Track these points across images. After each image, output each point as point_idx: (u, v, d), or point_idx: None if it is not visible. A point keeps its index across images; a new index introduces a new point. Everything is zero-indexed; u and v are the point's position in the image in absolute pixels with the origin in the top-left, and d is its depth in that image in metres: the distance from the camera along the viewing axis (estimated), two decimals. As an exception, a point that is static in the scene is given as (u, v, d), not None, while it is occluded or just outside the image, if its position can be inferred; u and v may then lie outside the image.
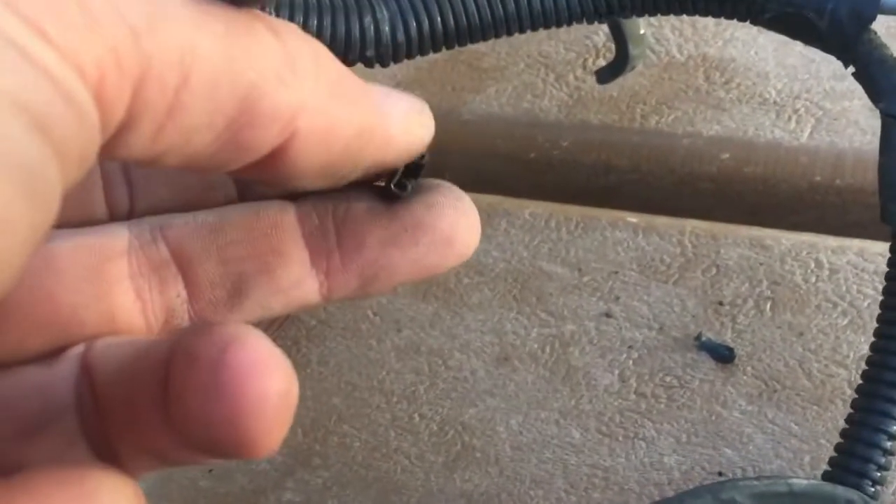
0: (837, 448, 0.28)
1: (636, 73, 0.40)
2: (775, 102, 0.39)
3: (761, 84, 0.39)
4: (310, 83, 0.16)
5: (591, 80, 0.41)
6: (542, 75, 0.42)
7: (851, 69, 0.29)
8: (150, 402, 0.16)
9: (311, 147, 0.17)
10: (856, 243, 0.35)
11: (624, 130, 0.40)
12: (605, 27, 0.42)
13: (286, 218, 0.21)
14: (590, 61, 0.42)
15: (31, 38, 0.12)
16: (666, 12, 0.31)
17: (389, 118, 0.18)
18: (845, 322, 0.33)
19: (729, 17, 0.29)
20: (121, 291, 0.20)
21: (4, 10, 0.12)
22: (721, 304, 0.34)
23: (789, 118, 0.39)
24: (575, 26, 0.41)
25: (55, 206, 0.13)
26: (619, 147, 0.40)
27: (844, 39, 0.28)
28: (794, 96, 0.39)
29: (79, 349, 0.19)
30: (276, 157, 0.16)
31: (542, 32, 0.42)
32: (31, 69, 0.12)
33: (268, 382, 0.15)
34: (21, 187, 0.12)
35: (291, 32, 0.17)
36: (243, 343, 0.15)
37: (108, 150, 0.14)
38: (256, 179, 0.18)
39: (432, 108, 0.44)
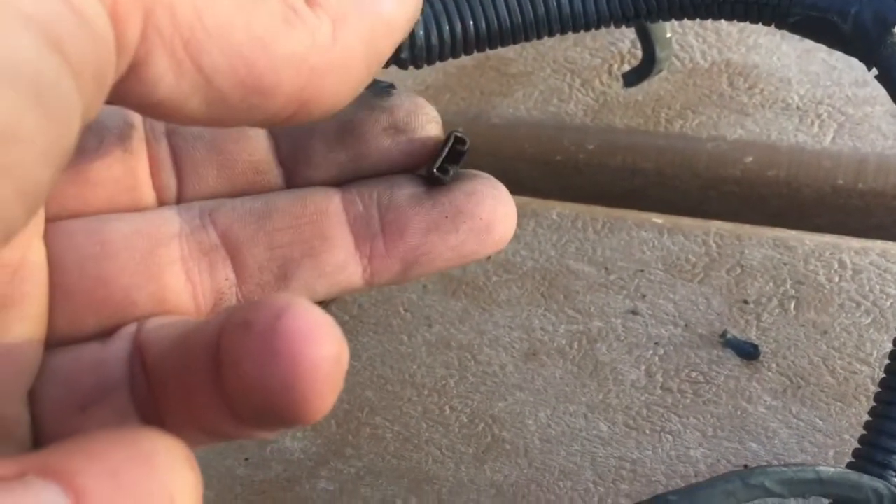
0: (861, 440, 0.29)
1: (661, 78, 0.41)
2: (798, 107, 0.40)
3: (784, 89, 0.40)
4: (313, 20, 0.17)
5: (617, 84, 0.42)
6: (569, 80, 0.43)
7: (874, 72, 0.29)
8: (201, 377, 0.17)
9: (329, 82, 0.17)
10: (878, 245, 0.36)
11: (649, 134, 0.41)
12: (630, 33, 0.43)
13: (331, 205, 0.22)
14: (615, 67, 0.42)
15: None
16: (692, 16, 0.31)
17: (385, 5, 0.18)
18: (868, 321, 0.34)
19: (754, 21, 0.30)
20: (172, 274, 0.21)
21: None
22: (746, 302, 0.35)
23: (812, 123, 0.39)
24: (601, 33, 0.42)
25: (74, 124, 0.13)
26: (644, 150, 0.41)
27: (868, 43, 0.28)
28: (817, 101, 0.40)
29: (132, 328, 0.20)
30: (300, 99, 0.17)
31: (568, 39, 0.43)
32: None
33: (321, 347, 0.15)
34: (33, 98, 0.13)
35: None
36: (296, 310, 0.15)
37: (133, 87, 0.15)
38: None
39: (462, 113, 0.45)
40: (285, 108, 0.17)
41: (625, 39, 0.43)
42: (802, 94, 0.40)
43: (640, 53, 0.40)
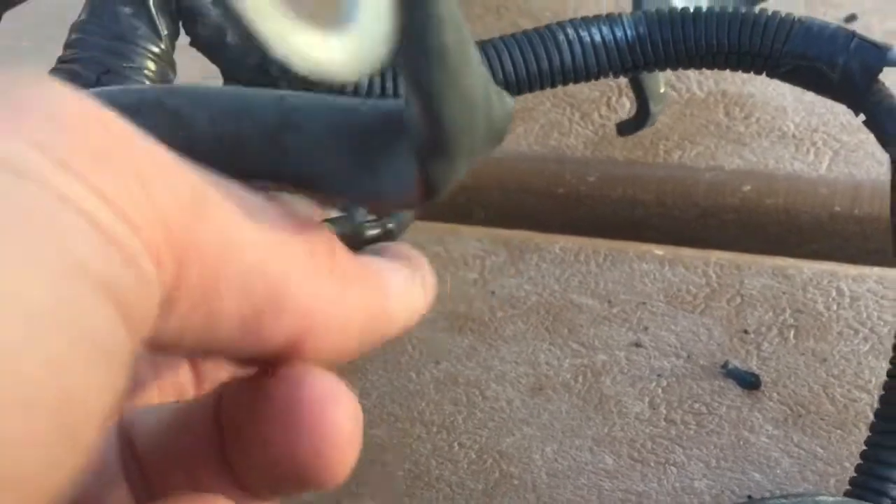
0: (858, 468, 0.30)
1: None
2: (794, 136, 0.41)
3: (780, 118, 0.41)
4: (326, 274, 0.17)
5: (616, 117, 0.43)
6: (568, 114, 0.43)
7: (862, 118, 0.30)
8: (202, 455, 0.18)
9: (328, 336, 0.17)
10: (875, 271, 0.36)
11: (648, 165, 0.42)
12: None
13: None
14: (613, 100, 0.43)
15: (99, 207, 0.13)
16: (689, 67, 0.33)
17: (390, 297, 0.18)
18: (866, 348, 0.35)
19: (747, 70, 0.31)
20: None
21: (75, 179, 0.13)
22: (746, 332, 0.36)
23: (808, 151, 0.40)
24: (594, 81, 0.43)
25: (127, 371, 0.13)
26: (644, 182, 0.41)
27: (855, 91, 0.30)
28: (812, 129, 0.40)
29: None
30: (292, 346, 0.17)
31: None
32: (99, 236, 0.13)
33: (342, 410, 0.16)
34: (93, 353, 0.13)
35: (311, 224, 0.17)
36: (314, 378, 0.16)
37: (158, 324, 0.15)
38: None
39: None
40: (274, 350, 0.17)
41: (622, 71, 0.44)
42: (798, 123, 0.41)
43: (636, 103, 0.41)
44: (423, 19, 0.14)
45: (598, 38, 0.32)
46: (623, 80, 0.44)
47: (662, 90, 0.35)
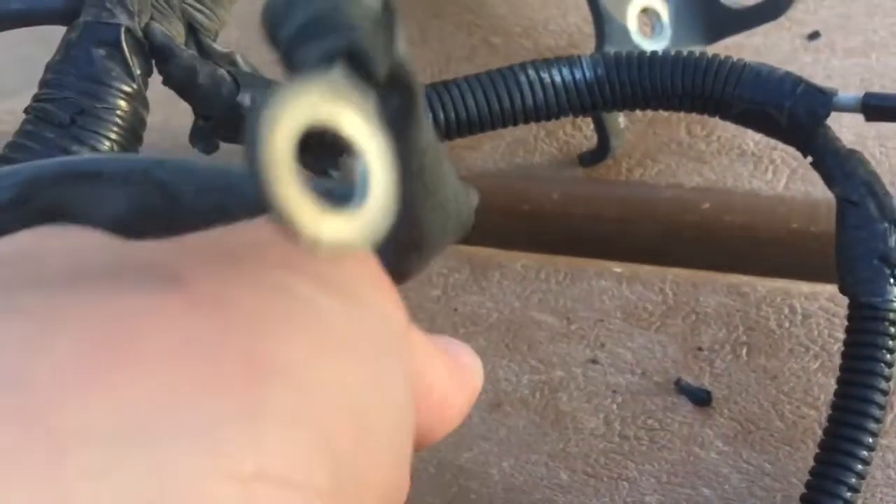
0: (807, 485, 0.31)
1: (622, 128, 0.43)
2: (753, 154, 0.41)
3: (740, 136, 0.42)
4: (443, 371, 0.19)
5: (580, 135, 0.44)
6: (534, 132, 0.44)
7: (809, 160, 0.31)
8: None
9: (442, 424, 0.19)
10: (828, 288, 0.37)
11: (611, 183, 0.42)
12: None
13: None
14: (578, 119, 0.44)
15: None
16: (644, 108, 0.34)
17: (474, 377, 0.21)
18: (816, 365, 0.35)
19: (700, 112, 0.33)
20: None
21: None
22: (700, 349, 0.37)
23: (766, 169, 0.41)
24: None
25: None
26: (606, 199, 0.42)
27: (802, 133, 0.31)
28: (771, 148, 0.41)
29: None
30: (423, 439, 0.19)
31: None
32: None
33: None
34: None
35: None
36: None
37: None
38: None
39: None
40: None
41: (588, 89, 0.44)
42: (757, 141, 0.41)
43: (597, 137, 0.42)
44: (407, 150, 0.16)
45: (558, 79, 0.33)
46: (588, 98, 0.44)
47: (623, 126, 0.37)
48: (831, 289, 0.37)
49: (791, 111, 0.30)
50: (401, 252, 0.19)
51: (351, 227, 0.15)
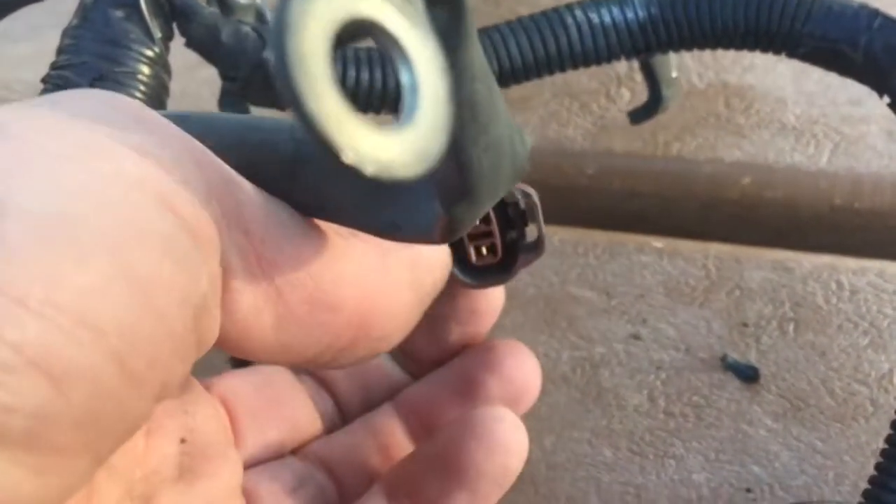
0: (877, 467, 0.29)
1: (658, 101, 0.42)
2: (794, 128, 0.40)
3: (780, 110, 0.41)
4: (362, 245, 0.19)
5: (615, 108, 0.43)
6: (567, 105, 0.43)
7: (886, 100, 0.29)
8: None
9: (383, 303, 0.19)
10: (875, 264, 0.36)
11: (647, 158, 0.41)
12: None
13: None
14: (612, 90, 0.43)
15: (160, 151, 0.15)
16: (703, 48, 0.32)
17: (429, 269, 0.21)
18: (866, 341, 0.34)
19: (765, 51, 0.30)
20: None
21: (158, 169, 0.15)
22: (745, 325, 0.36)
23: (808, 143, 0.40)
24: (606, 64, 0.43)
25: (203, 279, 0.15)
26: (643, 174, 0.41)
27: (879, 71, 0.29)
28: (813, 121, 0.40)
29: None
30: (358, 320, 0.18)
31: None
32: (163, 173, 0.15)
33: None
34: (162, 251, 0.14)
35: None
36: None
37: (223, 303, 0.16)
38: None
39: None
40: (348, 326, 0.18)
41: (622, 62, 0.43)
42: (798, 115, 0.40)
43: (637, 76, 0.40)
44: (456, 75, 0.14)
45: (607, 19, 0.31)
46: (622, 71, 0.43)
47: (674, 74, 0.35)
48: (879, 264, 0.36)
49: (867, 48, 0.28)
50: (449, 198, 0.16)
51: (397, 146, 0.13)
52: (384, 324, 0.19)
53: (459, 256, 0.25)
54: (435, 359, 0.27)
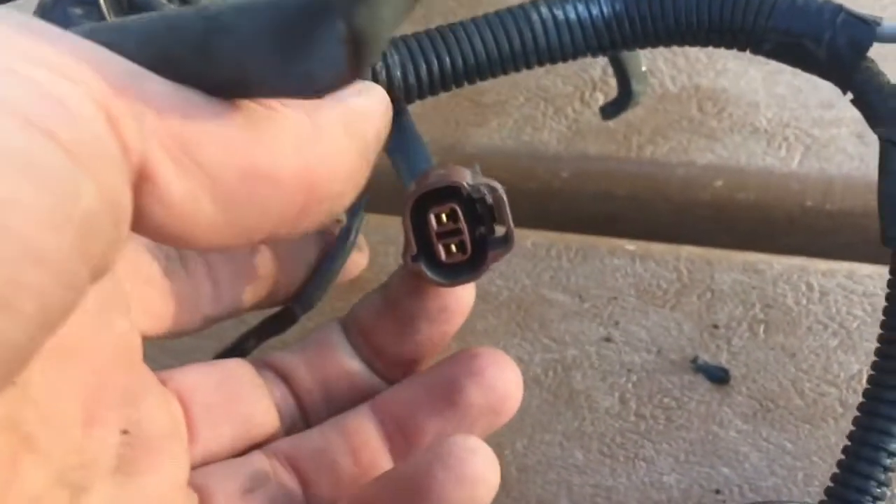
0: (839, 464, 0.29)
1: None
2: (766, 131, 0.41)
3: (752, 113, 0.41)
4: (289, 111, 0.18)
5: (589, 112, 0.43)
6: (542, 108, 0.43)
7: (850, 96, 0.29)
8: None
9: (325, 165, 0.18)
10: (845, 266, 0.36)
11: (621, 160, 0.41)
12: (602, 59, 0.43)
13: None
14: (587, 94, 0.43)
15: (42, 72, 0.15)
16: (668, 44, 0.32)
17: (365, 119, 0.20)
18: (836, 343, 0.35)
19: (729, 47, 0.30)
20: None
21: (19, 58, 0.15)
22: (716, 327, 0.36)
23: (780, 146, 0.40)
24: (572, 61, 0.43)
25: (76, 197, 0.15)
26: (617, 177, 0.41)
27: (842, 67, 0.28)
28: (784, 124, 0.40)
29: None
30: (305, 188, 0.18)
31: (540, 68, 0.44)
32: (36, 87, 0.15)
33: None
34: (24, 171, 0.14)
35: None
36: None
37: (151, 198, 0.16)
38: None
39: (437, 143, 0.46)
40: (293, 194, 0.18)
41: (596, 66, 0.43)
42: (770, 118, 0.41)
43: (611, 80, 0.41)
44: None
45: (572, 15, 0.30)
46: (597, 75, 0.44)
47: (644, 68, 0.35)
48: (849, 266, 0.36)
49: (830, 43, 0.28)
50: (346, 7, 0.16)
51: None
52: (329, 184, 0.19)
53: (429, 255, 0.25)
54: (405, 357, 0.27)
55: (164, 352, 0.29)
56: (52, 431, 0.18)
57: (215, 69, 0.17)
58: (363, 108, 0.20)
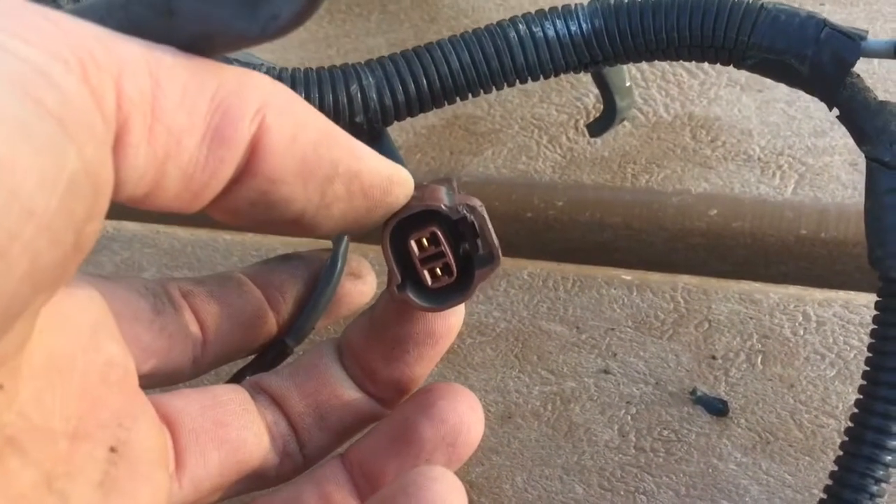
0: (827, 490, 0.29)
1: (626, 133, 0.42)
2: (759, 159, 0.41)
3: (745, 141, 0.41)
4: (269, 85, 0.20)
5: (584, 140, 0.43)
6: (536, 137, 0.43)
7: (836, 112, 0.29)
8: None
9: (282, 142, 0.20)
10: (841, 295, 0.37)
11: (616, 189, 0.42)
12: (595, 89, 0.44)
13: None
14: (581, 122, 0.43)
15: (13, 42, 0.16)
16: (651, 59, 0.31)
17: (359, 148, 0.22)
18: (833, 373, 0.35)
19: (712, 62, 0.30)
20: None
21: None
22: (714, 358, 0.36)
23: (773, 174, 0.40)
24: (566, 87, 0.43)
25: (67, 159, 0.16)
26: (611, 205, 0.41)
27: (827, 84, 0.28)
28: (778, 153, 0.41)
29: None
30: (254, 156, 0.20)
31: (534, 95, 0.44)
32: (24, 61, 0.16)
33: None
34: (20, 134, 0.15)
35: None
36: None
37: (123, 159, 0.18)
38: (249, 202, 0.21)
39: (433, 172, 0.45)
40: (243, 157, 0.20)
41: (590, 94, 0.44)
42: (763, 146, 0.41)
43: (602, 102, 0.41)
44: None
45: (551, 33, 0.30)
46: (590, 103, 0.44)
47: (628, 84, 0.35)
48: (845, 295, 0.37)
49: (814, 60, 0.28)
50: None
51: None
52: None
53: (414, 281, 0.25)
54: (395, 379, 0.27)
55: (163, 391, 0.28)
56: (38, 439, 0.19)
57: (179, 26, 0.19)
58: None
